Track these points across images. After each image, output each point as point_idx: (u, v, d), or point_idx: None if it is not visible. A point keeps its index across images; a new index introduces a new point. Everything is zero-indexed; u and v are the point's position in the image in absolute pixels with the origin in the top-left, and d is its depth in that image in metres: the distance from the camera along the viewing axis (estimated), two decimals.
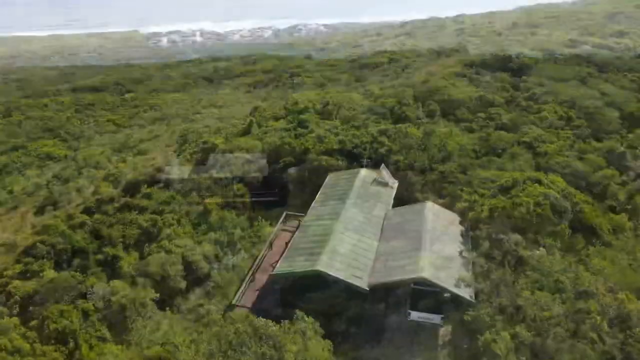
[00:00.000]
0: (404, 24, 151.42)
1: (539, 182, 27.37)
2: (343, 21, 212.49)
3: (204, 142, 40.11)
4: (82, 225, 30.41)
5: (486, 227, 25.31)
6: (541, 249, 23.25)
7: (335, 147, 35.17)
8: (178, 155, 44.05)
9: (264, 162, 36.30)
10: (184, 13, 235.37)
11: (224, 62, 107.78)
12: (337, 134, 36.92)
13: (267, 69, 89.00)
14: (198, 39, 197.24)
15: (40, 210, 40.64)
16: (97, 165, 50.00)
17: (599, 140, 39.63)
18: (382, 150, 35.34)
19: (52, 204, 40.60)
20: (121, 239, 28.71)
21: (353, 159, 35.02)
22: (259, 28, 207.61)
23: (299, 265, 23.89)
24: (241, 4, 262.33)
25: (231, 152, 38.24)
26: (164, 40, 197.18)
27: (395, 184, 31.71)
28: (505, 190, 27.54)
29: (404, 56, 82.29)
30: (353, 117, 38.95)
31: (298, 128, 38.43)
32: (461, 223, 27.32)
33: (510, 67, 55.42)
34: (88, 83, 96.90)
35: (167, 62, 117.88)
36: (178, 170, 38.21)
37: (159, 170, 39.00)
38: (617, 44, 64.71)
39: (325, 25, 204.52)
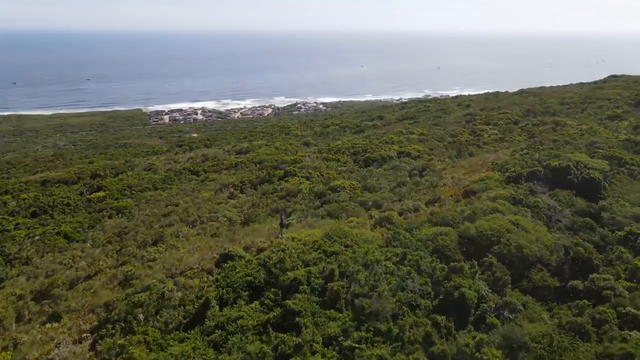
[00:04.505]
0: (403, 106, 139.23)
1: None
2: (341, 100, 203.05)
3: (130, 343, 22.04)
4: None
5: None
6: None
7: None
8: (100, 338, 26.12)
9: None
10: (189, 93, 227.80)
11: (215, 148, 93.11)
12: (350, 352, 18.89)
13: (259, 159, 74.05)
14: (199, 117, 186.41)
15: None
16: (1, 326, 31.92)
17: None
18: None
19: None
20: None
21: None
22: (259, 106, 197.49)
23: None
24: (244, 84, 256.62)
25: None
26: (166, 118, 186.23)
27: None
28: None
29: (414, 149, 66.87)
30: (376, 310, 21.07)
31: (280, 331, 20.47)
32: None
33: (570, 181, 38.80)
34: (61, 174, 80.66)
35: (156, 148, 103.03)
36: None
37: None
38: None
39: (324, 104, 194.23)
